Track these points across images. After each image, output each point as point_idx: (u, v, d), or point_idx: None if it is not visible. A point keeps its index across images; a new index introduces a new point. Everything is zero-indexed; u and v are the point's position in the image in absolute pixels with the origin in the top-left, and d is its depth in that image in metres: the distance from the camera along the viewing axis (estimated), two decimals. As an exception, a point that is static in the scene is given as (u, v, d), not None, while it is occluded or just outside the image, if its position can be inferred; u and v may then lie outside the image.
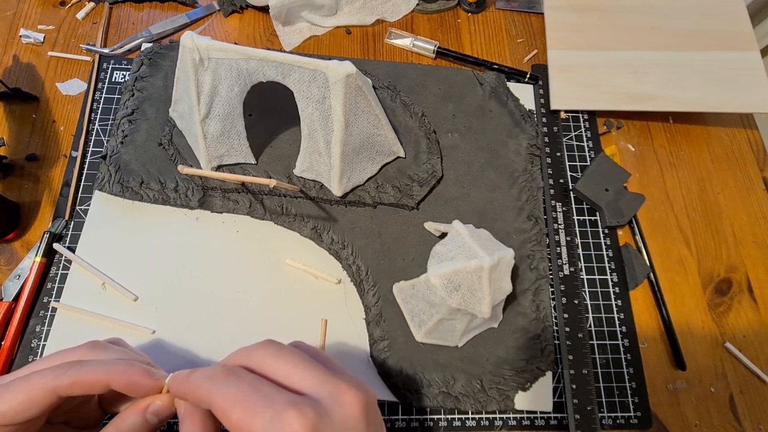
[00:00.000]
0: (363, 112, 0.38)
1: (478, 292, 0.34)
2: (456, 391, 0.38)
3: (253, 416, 0.21)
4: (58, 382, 0.25)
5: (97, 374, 0.25)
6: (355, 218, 0.43)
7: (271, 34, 0.53)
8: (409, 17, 0.56)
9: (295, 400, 0.21)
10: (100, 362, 0.26)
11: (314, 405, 0.22)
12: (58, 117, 0.46)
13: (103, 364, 0.26)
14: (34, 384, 0.25)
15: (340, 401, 0.22)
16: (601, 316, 0.43)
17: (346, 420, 0.22)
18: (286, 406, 0.21)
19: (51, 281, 0.40)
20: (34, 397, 0.25)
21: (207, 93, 0.37)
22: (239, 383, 0.22)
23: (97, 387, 0.25)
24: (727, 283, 0.46)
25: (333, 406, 0.22)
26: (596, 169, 0.47)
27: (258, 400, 0.22)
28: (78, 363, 0.26)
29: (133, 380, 0.26)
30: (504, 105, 0.49)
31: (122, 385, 0.26)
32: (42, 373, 0.25)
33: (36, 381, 0.25)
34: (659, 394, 0.41)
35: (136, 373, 0.26)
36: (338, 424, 0.22)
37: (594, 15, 0.54)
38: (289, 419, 0.21)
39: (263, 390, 0.22)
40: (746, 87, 0.50)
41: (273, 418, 0.21)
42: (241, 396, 0.22)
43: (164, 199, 0.42)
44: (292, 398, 0.22)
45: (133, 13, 0.52)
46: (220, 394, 0.22)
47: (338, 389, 0.23)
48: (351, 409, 0.22)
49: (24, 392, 0.25)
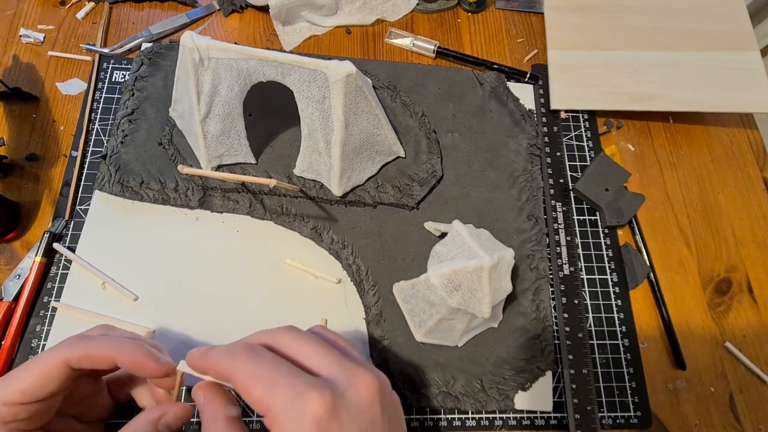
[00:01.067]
0: (363, 111, 0.38)
1: (478, 292, 0.34)
2: (456, 391, 0.38)
3: (274, 394, 0.22)
4: (69, 353, 0.26)
5: (105, 349, 0.27)
6: (355, 218, 0.43)
7: (271, 34, 0.53)
8: (409, 17, 0.56)
9: (314, 381, 0.23)
10: (109, 338, 0.28)
11: (332, 387, 0.23)
12: (58, 117, 0.46)
13: (112, 340, 0.28)
14: (46, 359, 0.26)
15: (355, 384, 0.24)
16: (601, 316, 0.43)
17: (361, 402, 0.23)
18: (306, 387, 0.22)
19: (51, 281, 0.40)
20: (48, 372, 0.26)
21: (207, 93, 0.37)
22: (260, 361, 0.23)
23: (105, 362, 0.27)
24: (727, 283, 0.46)
25: (349, 389, 0.23)
26: (596, 169, 0.47)
27: (279, 378, 0.23)
28: (88, 337, 0.28)
29: (138, 360, 0.27)
30: (504, 105, 0.49)
31: (128, 362, 0.27)
32: (53, 348, 0.27)
33: (48, 356, 0.27)
34: (659, 394, 0.41)
35: (142, 353, 0.27)
36: (354, 406, 0.23)
37: (594, 15, 0.54)
38: (309, 399, 0.22)
39: (284, 369, 0.23)
40: (746, 87, 0.50)
41: (294, 398, 0.22)
42: (262, 373, 0.23)
43: (164, 199, 0.42)
44: (311, 380, 0.23)
45: (133, 12, 0.52)
46: (242, 370, 0.23)
47: (354, 373, 0.24)
48: (366, 392, 0.24)
49: (39, 367, 0.26)
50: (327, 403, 0.22)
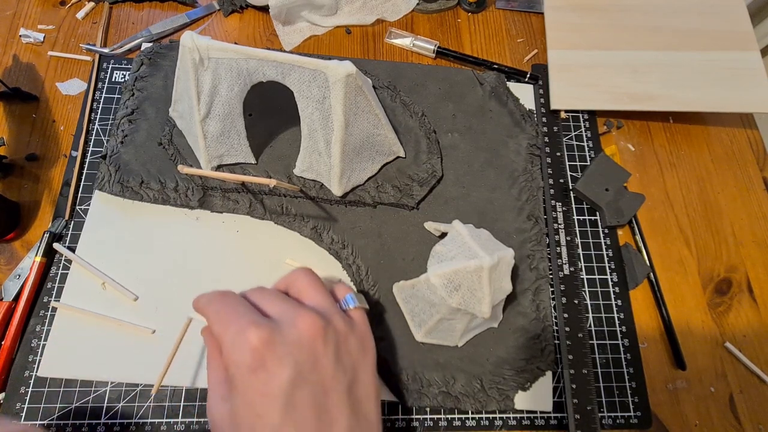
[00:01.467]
0: (363, 111, 0.38)
1: (478, 292, 0.34)
2: (456, 391, 0.38)
3: (225, 329, 0.27)
4: None
5: None
6: (355, 218, 0.43)
7: (271, 34, 0.53)
8: (409, 17, 0.56)
9: (258, 320, 0.27)
10: None
11: (272, 324, 0.27)
12: (58, 117, 0.46)
13: None
14: None
15: (295, 323, 0.28)
16: (601, 316, 0.43)
17: (300, 338, 0.27)
18: (249, 323, 0.27)
19: (51, 281, 0.40)
20: None
21: (207, 93, 0.37)
22: (224, 305, 0.29)
23: None
24: (727, 283, 0.46)
25: (288, 327, 0.28)
26: (596, 169, 0.47)
27: (232, 317, 0.28)
28: None
29: None
30: (504, 105, 0.49)
31: None
32: None
33: None
34: (659, 394, 0.41)
35: None
36: (292, 341, 0.27)
37: (594, 15, 0.54)
38: (249, 333, 0.26)
39: (239, 311, 0.28)
40: (746, 87, 0.50)
41: (238, 332, 0.27)
42: (222, 313, 0.28)
43: (164, 199, 0.42)
44: (256, 318, 0.27)
45: (133, 12, 0.52)
46: (211, 310, 0.29)
47: (297, 314, 0.28)
48: (305, 329, 0.28)
49: None
50: (263, 336, 0.26)
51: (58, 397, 0.36)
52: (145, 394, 0.37)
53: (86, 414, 0.36)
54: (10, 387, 0.36)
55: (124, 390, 0.37)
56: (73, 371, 0.37)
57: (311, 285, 0.31)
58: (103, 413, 0.36)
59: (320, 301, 0.31)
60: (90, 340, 0.38)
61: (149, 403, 0.37)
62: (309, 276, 0.32)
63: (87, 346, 0.37)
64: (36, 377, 0.37)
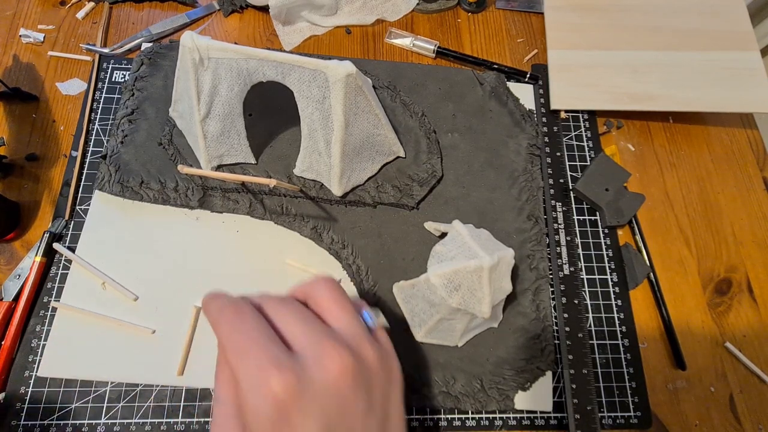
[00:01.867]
0: (363, 111, 0.38)
1: (478, 292, 0.34)
2: (456, 391, 0.38)
3: (242, 363, 0.22)
4: None
5: None
6: (355, 218, 0.43)
7: (271, 34, 0.53)
8: (409, 17, 0.56)
9: (281, 358, 0.22)
10: None
11: (297, 367, 0.22)
12: (58, 117, 0.46)
13: None
14: None
15: (323, 363, 0.23)
16: (601, 316, 0.43)
17: (328, 383, 0.23)
18: (270, 364, 0.22)
19: (51, 281, 0.40)
20: None
21: (207, 93, 0.37)
22: (239, 324, 0.24)
23: None
24: (727, 283, 0.46)
25: (315, 368, 0.23)
26: (596, 169, 0.47)
27: (250, 347, 0.23)
28: None
29: None
30: (504, 105, 0.49)
31: None
32: None
33: None
34: (659, 394, 0.41)
35: None
36: (319, 388, 0.22)
37: (594, 15, 0.54)
38: (271, 378, 0.21)
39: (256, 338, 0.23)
40: (746, 87, 0.50)
41: (257, 373, 0.22)
42: (236, 338, 0.23)
43: (164, 199, 0.42)
44: (278, 355, 0.22)
45: (133, 12, 0.52)
46: (222, 329, 0.24)
47: (324, 351, 0.23)
48: (334, 372, 0.23)
49: None
50: (288, 384, 0.21)
51: (58, 397, 0.36)
52: (145, 394, 0.37)
53: (86, 414, 0.36)
54: (10, 387, 0.36)
55: (124, 390, 0.37)
56: (73, 371, 0.37)
57: (336, 302, 0.26)
58: (103, 413, 0.36)
59: (346, 324, 0.26)
60: (90, 340, 0.38)
61: (149, 403, 0.37)
62: (334, 290, 0.27)
63: (87, 346, 0.37)
64: (36, 377, 0.37)
